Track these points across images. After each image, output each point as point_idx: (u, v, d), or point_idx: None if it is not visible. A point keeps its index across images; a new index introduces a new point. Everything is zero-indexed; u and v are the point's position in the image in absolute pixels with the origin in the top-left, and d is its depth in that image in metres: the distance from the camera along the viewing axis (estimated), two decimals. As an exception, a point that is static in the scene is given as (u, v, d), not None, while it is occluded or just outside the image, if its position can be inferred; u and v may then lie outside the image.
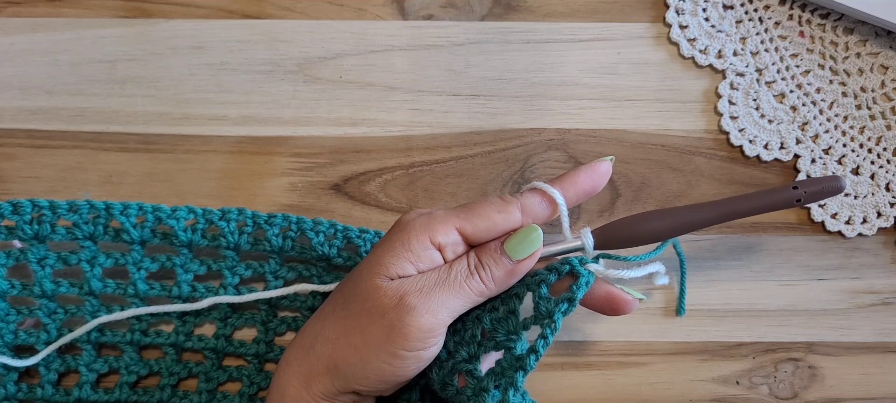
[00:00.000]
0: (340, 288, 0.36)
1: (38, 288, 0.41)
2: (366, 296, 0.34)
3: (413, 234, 0.34)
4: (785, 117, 0.46)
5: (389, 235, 0.35)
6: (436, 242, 0.34)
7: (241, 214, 0.41)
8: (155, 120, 0.46)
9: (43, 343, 0.41)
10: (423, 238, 0.34)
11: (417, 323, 0.33)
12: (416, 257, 0.34)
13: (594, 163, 0.37)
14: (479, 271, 0.34)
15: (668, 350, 0.44)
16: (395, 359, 0.33)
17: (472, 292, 0.34)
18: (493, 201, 0.35)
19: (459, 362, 0.35)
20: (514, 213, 0.35)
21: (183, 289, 0.42)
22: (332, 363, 0.34)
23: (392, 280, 0.34)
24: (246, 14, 0.47)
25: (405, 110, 0.46)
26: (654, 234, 0.37)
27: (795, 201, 0.36)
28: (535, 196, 0.36)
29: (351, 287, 0.35)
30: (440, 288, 0.34)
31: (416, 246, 0.34)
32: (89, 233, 0.41)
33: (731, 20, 0.47)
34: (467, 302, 0.34)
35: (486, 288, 0.35)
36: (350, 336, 0.34)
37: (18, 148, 0.45)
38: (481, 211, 0.35)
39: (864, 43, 0.46)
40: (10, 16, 0.46)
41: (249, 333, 0.43)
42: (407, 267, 0.34)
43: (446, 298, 0.34)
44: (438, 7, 0.47)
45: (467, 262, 0.35)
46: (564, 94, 0.46)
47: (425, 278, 0.34)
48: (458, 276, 0.34)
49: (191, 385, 0.43)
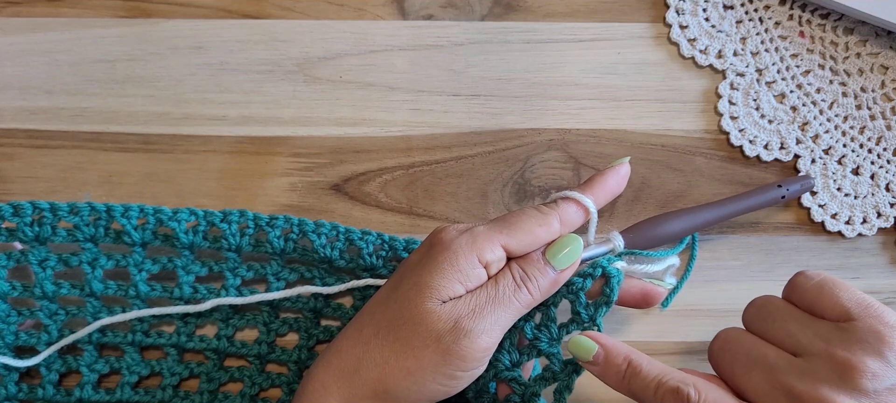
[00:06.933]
0: (381, 310, 0.35)
1: (39, 289, 0.41)
2: (418, 321, 0.33)
3: (461, 254, 0.34)
4: (785, 117, 0.46)
5: (434, 256, 0.35)
6: (483, 260, 0.34)
7: (243, 216, 0.41)
8: (155, 120, 0.46)
9: (44, 344, 0.41)
10: (472, 257, 0.34)
11: (475, 345, 0.33)
12: (466, 277, 0.34)
13: (616, 166, 0.39)
14: (525, 283, 0.35)
15: (668, 350, 0.44)
16: (452, 380, 0.34)
17: (520, 305, 0.35)
18: (533, 214, 0.36)
19: (502, 370, 0.37)
20: (554, 225, 0.36)
21: (184, 291, 0.42)
22: (383, 387, 0.34)
23: (444, 303, 0.34)
24: (246, 14, 0.47)
25: (405, 110, 0.46)
26: (676, 234, 0.41)
27: (780, 197, 0.43)
28: (571, 205, 0.37)
29: (396, 310, 0.34)
30: (491, 306, 0.34)
31: (465, 266, 0.34)
32: (90, 235, 0.41)
33: (731, 20, 0.47)
34: (516, 316, 0.35)
35: (533, 299, 0.35)
36: (402, 360, 0.33)
37: (18, 148, 0.45)
38: (523, 225, 0.35)
39: (864, 43, 0.46)
40: (10, 16, 0.46)
41: (251, 334, 0.43)
42: (457, 289, 0.34)
43: (498, 315, 0.34)
44: (438, 7, 0.47)
45: (512, 276, 0.35)
46: (564, 94, 0.46)
47: (476, 298, 0.34)
48: (505, 291, 0.34)
49: (192, 385, 0.43)
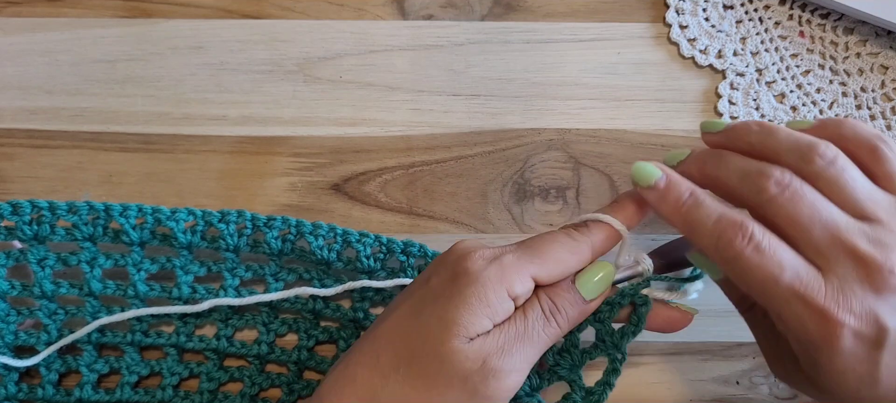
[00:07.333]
0: (401, 339, 0.33)
1: (38, 288, 0.41)
2: (444, 359, 0.31)
3: (490, 288, 0.32)
4: (785, 117, 0.46)
5: (461, 288, 0.32)
6: (512, 294, 0.32)
7: (241, 216, 0.41)
8: (155, 120, 0.46)
9: (43, 344, 0.41)
10: (501, 291, 0.32)
11: (503, 385, 0.31)
12: (494, 312, 0.32)
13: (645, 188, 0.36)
14: (555, 316, 0.33)
15: (668, 350, 0.44)
16: None
17: (549, 339, 0.33)
18: (564, 242, 0.34)
19: (522, 396, 0.36)
20: (586, 254, 0.34)
21: (183, 291, 0.42)
22: None
23: (471, 340, 0.31)
24: (246, 14, 0.47)
25: (405, 110, 0.46)
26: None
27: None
28: (603, 231, 0.35)
29: (419, 343, 0.32)
30: (520, 343, 0.32)
31: (494, 301, 0.32)
32: (89, 235, 0.41)
33: (731, 20, 0.47)
34: (543, 349, 0.33)
35: (561, 332, 0.33)
36: (425, 399, 0.31)
37: (18, 148, 0.45)
38: (554, 255, 0.33)
39: (864, 43, 0.46)
40: (10, 16, 0.46)
41: (251, 334, 0.43)
42: (484, 324, 0.31)
43: (526, 352, 0.32)
44: (438, 7, 0.47)
45: (541, 308, 0.33)
46: (564, 94, 0.46)
47: (504, 334, 0.32)
48: (535, 325, 0.32)
49: (192, 385, 0.43)
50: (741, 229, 0.30)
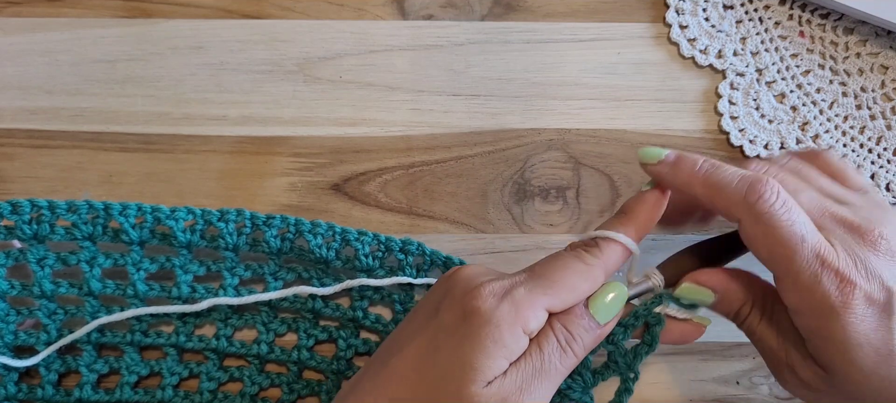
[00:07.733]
0: (417, 376, 0.32)
1: (37, 288, 0.41)
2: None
3: (505, 328, 0.31)
4: (785, 117, 0.46)
5: (475, 330, 0.31)
6: (527, 330, 0.31)
7: (240, 215, 0.41)
8: (155, 120, 0.46)
9: (43, 344, 0.41)
10: (516, 330, 0.31)
11: None
12: (510, 352, 0.31)
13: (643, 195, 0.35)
14: (571, 346, 0.32)
15: (667, 351, 0.44)
16: None
17: (566, 370, 0.32)
18: (576, 267, 0.33)
19: None
20: (599, 278, 0.33)
21: (182, 290, 0.42)
22: None
23: (489, 383, 0.30)
24: (246, 14, 0.47)
25: (405, 110, 0.46)
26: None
27: None
28: (614, 251, 0.34)
29: (435, 385, 0.31)
30: (538, 379, 0.31)
31: (510, 341, 0.31)
32: (88, 234, 0.41)
33: (731, 20, 0.47)
34: (562, 379, 0.32)
35: (578, 360, 0.32)
36: None
37: (18, 148, 0.45)
38: (566, 283, 0.32)
39: (864, 43, 0.46)
40: (10, 16, 0.46)
41: (250, 334, 0.43)
42: (501, 365, 0.31)
43: (544, 387, 0.31)
44: (438, 7, 0.47)
45: (557, 340, 0.32)
46: (564, 94, 0.46)
47: (521, 373, 0.31)
48: (551, 358, 0.31)
49: (192, 385, 0.43)
50: (769, 186, 0.31)
